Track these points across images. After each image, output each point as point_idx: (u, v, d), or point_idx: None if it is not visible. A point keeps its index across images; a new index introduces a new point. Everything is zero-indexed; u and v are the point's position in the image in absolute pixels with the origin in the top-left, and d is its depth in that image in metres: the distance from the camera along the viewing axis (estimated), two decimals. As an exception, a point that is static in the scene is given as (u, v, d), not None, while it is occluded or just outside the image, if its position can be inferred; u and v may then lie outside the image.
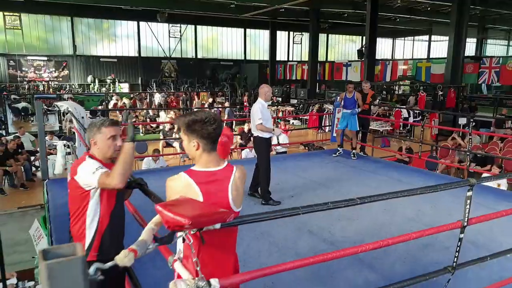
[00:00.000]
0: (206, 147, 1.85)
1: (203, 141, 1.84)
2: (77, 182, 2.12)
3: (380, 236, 4.17)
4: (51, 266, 1.05)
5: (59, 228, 4.51)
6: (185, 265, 1.69)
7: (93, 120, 2.29)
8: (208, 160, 1.86)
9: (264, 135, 5.39)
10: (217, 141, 1.89)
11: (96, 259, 2.10)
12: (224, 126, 2.06)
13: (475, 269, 3.42)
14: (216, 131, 1.86)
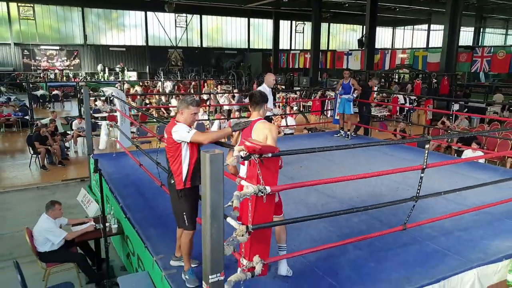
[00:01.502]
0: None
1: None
2: (173, 138, 3.20)
3: (372, 192, 5.34)
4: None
5: (117, 186, 5.66)
6: (249, 179, 2.80)
7: (185, 97, 3.34)
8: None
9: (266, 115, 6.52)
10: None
11: (190, 186, 3.20)
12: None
13: (431, 203, 4.64)
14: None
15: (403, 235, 3.99)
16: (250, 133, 3.12)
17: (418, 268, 3.43)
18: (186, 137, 3.10)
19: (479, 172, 6.35)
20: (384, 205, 3.50)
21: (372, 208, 3.36)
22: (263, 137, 3.09)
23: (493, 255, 3.67)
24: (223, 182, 2.23)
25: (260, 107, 3.26)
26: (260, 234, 2.81)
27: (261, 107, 3.27)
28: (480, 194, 4.98)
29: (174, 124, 3.24)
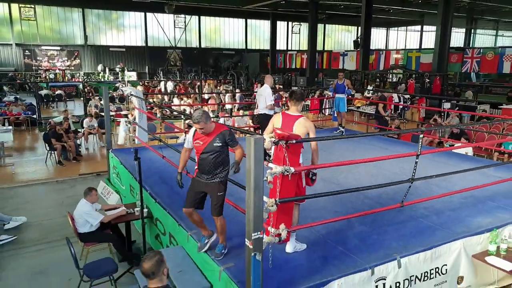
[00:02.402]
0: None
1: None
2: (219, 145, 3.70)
3: (372, 181, 5.97)
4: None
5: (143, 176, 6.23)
6: (275, 162, 3.40)
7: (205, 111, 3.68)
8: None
9: (268, 112, 7.15)
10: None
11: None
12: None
13: (425, 189, 5.30)
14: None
15: (400, 214, 4.64)
16: (292, 126, 3.69)
17: (414, 239, 4.06)
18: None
19: (468, 164, 6.99)
20: (384, 185, 4.14)
21: (374, 187, 4.01)
22: (305, 131, 3.69)
23: (477, 229, 4.32)
24: (263, 160, 2.84)
25: (299, 103, 3.82)
26: (285, 207, 3.44)
27: (300, 103, 3.83)
28: (467, 181, 5.64)
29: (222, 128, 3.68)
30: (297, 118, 3.77)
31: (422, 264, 3.86)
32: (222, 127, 3.68)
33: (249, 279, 2.88)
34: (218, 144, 3.56)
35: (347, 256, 3.71)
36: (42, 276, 5.09)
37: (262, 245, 2.90)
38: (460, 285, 4.22)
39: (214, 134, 3.57)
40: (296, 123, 3.74)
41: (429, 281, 3.95)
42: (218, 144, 3.56)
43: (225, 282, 3.38)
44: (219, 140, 3.56)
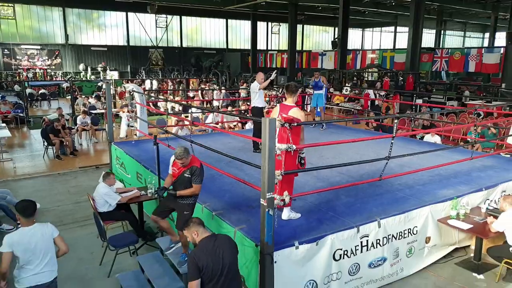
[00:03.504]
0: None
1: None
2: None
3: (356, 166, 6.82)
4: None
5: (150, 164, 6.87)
6: (280, 141, 4.15)
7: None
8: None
9: (259, 105, 7.89)
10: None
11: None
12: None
13: (398, 167, 6.19)
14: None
15: (379, 189, 5.50)
16: (287, 114, 4.46)
17: (390, 206, 4.92)
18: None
19: (437, 149, 7.99)
20: (365, 162, 4.99)
21: (357, 163, 4.86)
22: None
23: (441, 198, 5.24)
24: (276, 135, 3.61)
25: (294, 95, 4.56)
26: (288, 178, 4.23)
27: (295, 95, 4.56)
28: (435, 163, 6.57)
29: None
30: (291, 107, 4.55)
31: (397, 225, 4.72)
32: (196, 162, 4.35)
33: (263, 231, 3.64)
34: (187, 175, 4.29)
35: (337, 219, 4.54)
36: (68, 249, 5.70)
37: (274, 203, 3.67)
38: (428, 244, 5.12)
39: (188, 166, 4.28)
40: (290, 111, 4.52)
41: (403, 239, 4.82)
42: (188, 175, 4.29)
43: (240, 239, 4.13)
44: (189, 172, 4.28)
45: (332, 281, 4.26)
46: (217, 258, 3.23)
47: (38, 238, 3.55)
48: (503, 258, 4.78)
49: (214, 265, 3.20)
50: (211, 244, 3.29)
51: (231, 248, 3.37)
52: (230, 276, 3.35)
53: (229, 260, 3.29)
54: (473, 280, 4.94)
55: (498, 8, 28.74)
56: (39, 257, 3.55)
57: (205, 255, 3.21)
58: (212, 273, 3.20)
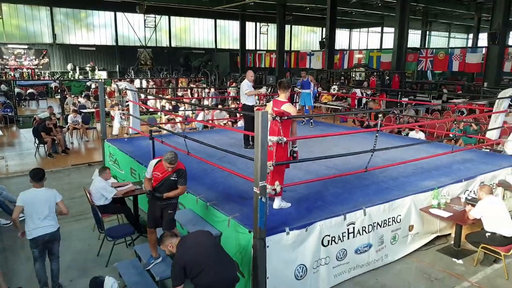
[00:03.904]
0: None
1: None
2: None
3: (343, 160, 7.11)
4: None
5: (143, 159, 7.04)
6: (271, 133, 4.38)
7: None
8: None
9: (249, 103, 8.13)
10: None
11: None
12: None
13: (382, 154, 6.48)
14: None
15: (365, 180, 5.78)
16: (280, 108, 4.69)
17: (375, 196, 5.20)
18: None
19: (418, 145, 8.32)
20: (352, 154, 5.26)
21: (344, 155, 5.13)
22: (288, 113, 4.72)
23: (423, 188, 5.54)
24: (267, 128, 3.85)
25: (286, 91, 4.78)
26: (279, 168, 4.47)
27: (287, 91, 4.78)
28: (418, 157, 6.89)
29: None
30: (284, 103, 4.79)
31: (382, 213, 5.00)
32: (181, 165, 4.46)
33: (256, 216, 3.88)
34: (174, 178, 4.39)
35: (325, 207, 4.80)
36: (65, 242, 5.81)
37: (266, 191, 3.91)
38: (411, 232, 5.41)
39: (175, 170, 4.36)
40: (283, 106, 4.76)
41: (388, 227, 5.10)
42: (174, 178, 4.40)
43: (234, 227, 4.36)
44: (176, 175, 4.39)
45: (321, 266, 4.52)
46: (198, 250, 3.57)
47: (42, 199, 4.48)
48: (481, 243, 5.09)
49: (197, 257, 3.52)
50: (187, 243, 3.66)
51: (207, 238, 3.75)
52: (220, 262, 3.61)
53: (211, 248, 3.63)
54: (452, 264, 5.24)
55: (481, 10, 29.49)
56: (39, 213, 4.42)
57: (184, 254, 3.56)
58: (199, 264, 3.49)
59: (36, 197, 4.46)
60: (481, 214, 5.07)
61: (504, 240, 4.92)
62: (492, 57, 16.03)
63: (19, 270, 5.14)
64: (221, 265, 3.61)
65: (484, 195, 5.16)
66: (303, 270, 4.35)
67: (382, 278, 4.90)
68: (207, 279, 3.48)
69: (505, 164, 6.82)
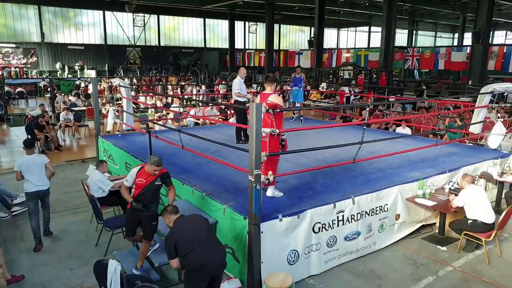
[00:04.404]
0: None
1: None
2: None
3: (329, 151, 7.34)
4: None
5: (138, 153, 7.18)
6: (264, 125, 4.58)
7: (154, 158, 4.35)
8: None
9: (239, 99, 8.34)
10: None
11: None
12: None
13: (370, 147, 6.73)
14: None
15: (353, 172, 6.04)
16: (267, 100, 4.90)
17: (363, 186, 5.45)
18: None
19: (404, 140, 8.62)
20: (340, 146, 5.50)
21: (333, 147, 5.36)
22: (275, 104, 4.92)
23: (409, 179, 5.81)
24: (261, 120, 4.05)
25: (272, 84, 5.00)
26: (272, 159, 4.69)
27: (273, 84, 5.01)
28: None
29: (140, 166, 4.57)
30: (270, 94, 5.00)
31: (370, 202, 5.24)
32: (163, 169, 4.52)
33: (251, 203, 4.08)
34: (158, 183, 4.47)
35: (316, 197, 5.02)
36: (64, 234, 6.00)
37: (260, 178, 4.12)
38: (398, 220, 5.67)
39: (159, 174, 4.43)
40: (270, 97, 4.95)
41: (375, 216, 5.35)
42: (159, 183, 4.48)
43: (229, 214, 4.55)
44: (161, 179, 4.47)
45: (312, 252, 4.74)
46: (191, 231, 3.81)
47: (34, 163, 5.61)
48: (463, 230, 5.37)
49: (188, 237, 3.74)
50: (182, 222, 3.91)
51: (202, 222, 3.98)
52: (210, 246, 3.81)
53: (202, 230, 3.86)
54: (437, 251, 5.52)
55: (466, 9, 30.11)
56: (33, 174, 5.54)
57: (177, 232, 3.80)
58: (189, 244, 3.70)
59: (30, 161, 5.59)
60: (464, 202, 5.35)
61: (485, 226, 5.21)
62: (476, 55, 16.47)
63: (20, 260, 5.26)
64: (210, 249, 3.78)
65: (467, 184, 5.43)
66: (295, 256, 4.57)
67: (370, 264, 5.14)
68: (195, 259, 3.67)
69: (487, 157, 7.13)
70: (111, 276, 3.64)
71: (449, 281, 4.78)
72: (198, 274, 3.68)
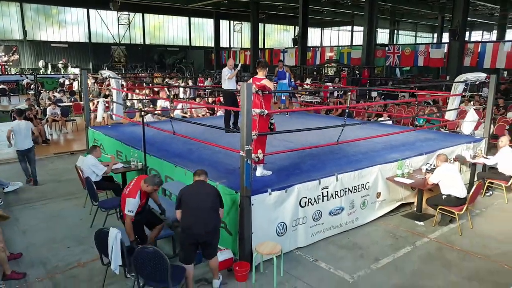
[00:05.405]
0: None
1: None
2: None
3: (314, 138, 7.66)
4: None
5: (130, 142, 7.38)
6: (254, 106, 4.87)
7: (155, 178, 4.54)
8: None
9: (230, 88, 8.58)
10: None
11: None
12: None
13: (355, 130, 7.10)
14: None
15: (337, 154, 6.39)
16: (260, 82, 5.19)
17: (346, 166, 5.80)
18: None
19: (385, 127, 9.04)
20: (322, 128, 5.84)
21: (318, 129, 5.70)
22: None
23: (389, 160, 6.19)
24: (252, 98, 4.35)
25: (264, 69, 5.20)
26: (261, 139, 4.99)
27: (265, 69, 5.19)
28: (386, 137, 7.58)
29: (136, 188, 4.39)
30: (262, 79, 5.28)
31: (352, 180, 5.59)
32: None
33: (243, 177, 4.37)
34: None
35: (303, 174, 5.35)
36: (58, 218, 6.16)
37: (251, 154, 4.41)
38: (378, 198, 6.04)
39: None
40: (262, 81, 5.24)
41: (358, 193, 5.70)
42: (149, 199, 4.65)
43: (222, 190, 4.77)
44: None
45: (299, 225, 5.06)
46: (193, 194, 4.12)
47: (23, 127, 7.58)
48: (438, 205, 5.78)
49: (189, 197, 4.09)
50: (195, 185, 4.21)
51: (206, 191, 4.15)
52: (205, 209, 4.06)
53: (202, 196, 4.10)
54: (415, 226, 5.91)
55: (444, 9, 31.06)
56: (21, 135, 7.54)
57: (187, 189, 4.20)
58: (187, 202, 4.06)
59: (20, 126, 7.54)
60: (438, 179, 5.75)
61: (458, 201, 5.62)
62: (453, 52, 17.14)
63: (16, 241, 5.42)
64: (199, 216, 4.00)
65: (441, 162, 5.84)
66: (283, 228, 4.88)
67: (353, 238, 5.49)
68: (184, 220, 4.03)
69: (461, 141, 7.58)
70: (112, 243, 3.87)
71: (425, 250, 5.17)
72: (184, 235, 4.03)
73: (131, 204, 4.26)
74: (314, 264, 4.81)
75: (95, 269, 4.66)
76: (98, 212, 5.80)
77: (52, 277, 4.58)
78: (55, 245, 5.31)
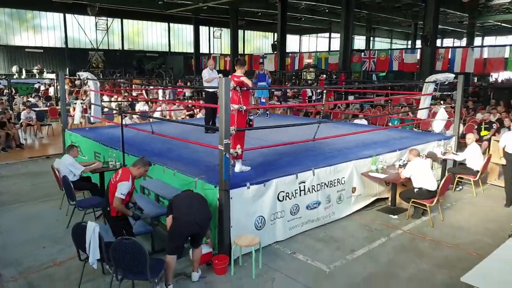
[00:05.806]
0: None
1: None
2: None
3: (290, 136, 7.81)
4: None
5: (109, 143, 7.34)
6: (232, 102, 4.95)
7: (144, 158, 4.60)
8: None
9: (207, 89, 8.67)
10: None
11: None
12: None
13: (331, 130, 7.27)
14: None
15: (313, 151, 6.55)
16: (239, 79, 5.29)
17: (322, 162, 5.95)
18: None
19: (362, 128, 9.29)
20: (300, 124, 5.98)
21: (291, 126, 5.83)
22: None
23: (363, 156, 6.38)
24: (230, 94, 4.45)
25: (242, 67, 5.34)
26: (239, 134, 5.08)
27: (243, 67, 5.35)
28: (361, 136, 7.79)
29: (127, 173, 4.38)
30: (240, 76, 5.39)
31: (328, 175, 5.74)
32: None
33: (221, 171, 4.45)
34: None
35: (280, 169, 5.46)
36: (34, 219, 6.07)
37: (230, 149, 4.50)
38: (354, 193, 6.22)
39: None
40: (240, 78, 5.35)
41: (334, 187, 5.85)
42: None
43: (201, 185, 4.89)
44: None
45: (277, 219, 5.16)
46: (184, 198, 4.27)
47: None
48: (411, 198, 5.99)
49: (185, 200, 4.21)
50: (186, 194, 4.39)
51: (202, 199, 4.33)
52: (196, 204, 4.19)
53: (193, 199, 4.24)
54: (389, 219, 6.10)
55: (417, 17, 32.04)
56: None
57: (178, 195, 4.35)
58: (184, 201, 4.17)
59: None
60: (411, 173, 5.97)
61: (429, 193, 5.84)
62: (426, 57, 17.71)
63: None
64: (191, 210, 4.13)
65: (413, 157, 6.07)
66: (262, 221, 4.97)
67: (330, 231, 5.63)
68: (182, 209, 4.14)
69: (432, 139, 7.89)
70: (90, 236, 3.87)
71: (399, 241, 5.35)
72: (177, 223, 4.09)
73: (124, 186, 4.26)
74: (292, 256, 4.91)
75: (71, 267, 4.63)
76: (75, 212, 5.74)
77: (27, 277, 4.52)
78: (30, 246, 5.24)
